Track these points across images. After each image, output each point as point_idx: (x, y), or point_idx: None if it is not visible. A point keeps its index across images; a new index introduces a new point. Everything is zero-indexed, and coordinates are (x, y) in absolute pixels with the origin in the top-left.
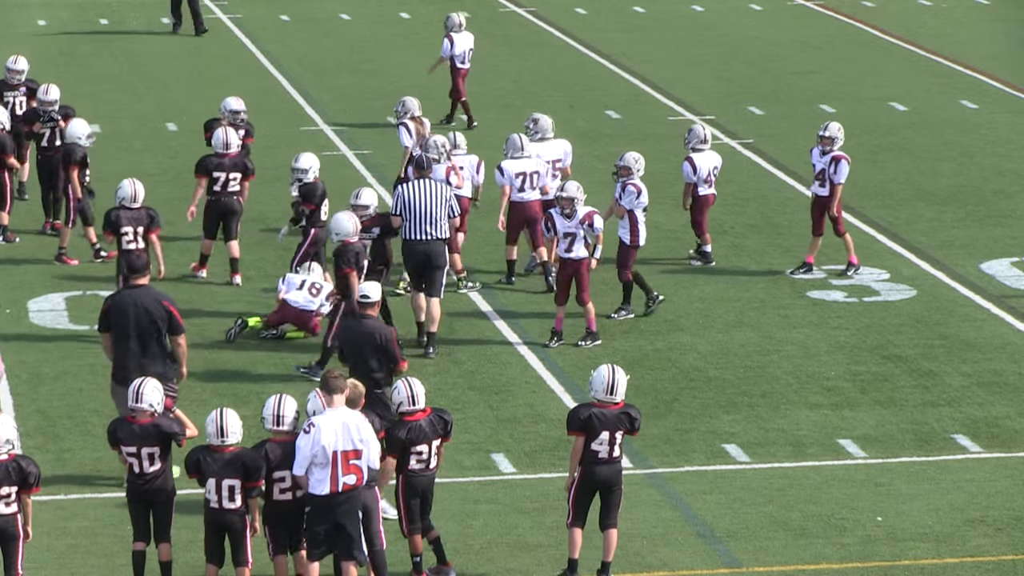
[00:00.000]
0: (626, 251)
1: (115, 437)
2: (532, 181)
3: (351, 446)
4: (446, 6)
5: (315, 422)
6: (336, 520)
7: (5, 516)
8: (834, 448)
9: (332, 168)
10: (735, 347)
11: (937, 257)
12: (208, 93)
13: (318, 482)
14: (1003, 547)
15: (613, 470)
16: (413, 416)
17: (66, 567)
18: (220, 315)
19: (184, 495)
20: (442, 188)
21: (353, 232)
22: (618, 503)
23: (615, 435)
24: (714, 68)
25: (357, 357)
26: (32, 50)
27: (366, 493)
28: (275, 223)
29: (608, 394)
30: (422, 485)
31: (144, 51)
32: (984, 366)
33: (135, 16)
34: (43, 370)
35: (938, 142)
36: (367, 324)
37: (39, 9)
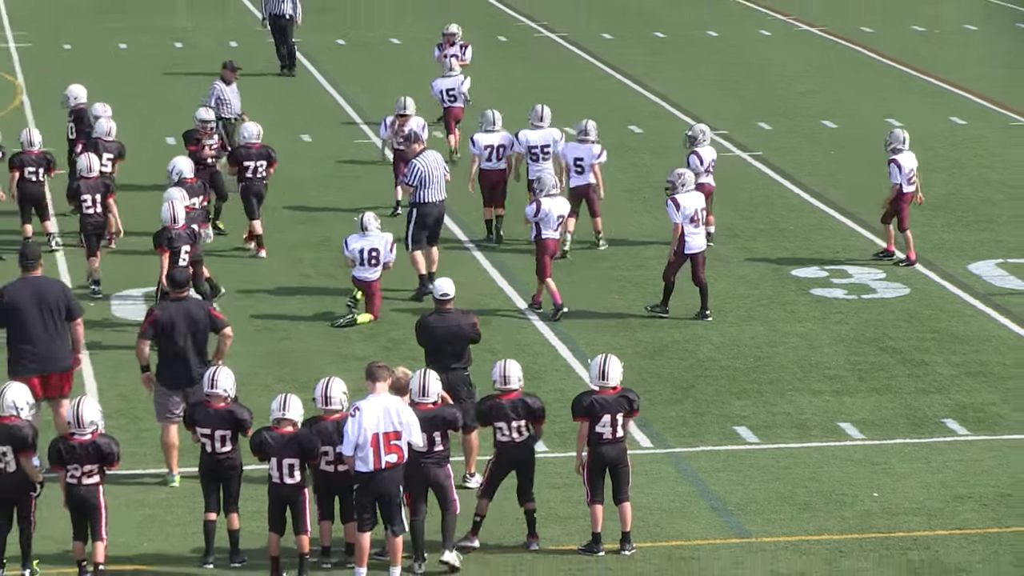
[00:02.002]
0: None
1: (192, 419)
2: (499, 152)
3: (392, 428)
4: (487, 31)
5: (360, 406)
6: (379, 493)
7: (89, 488)
8: (835, 431)
9: (384, 175)
10: (745, 339)
11: (929, 258)
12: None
13: (362, 460)
14: (988, 521)
15: (618, 449)
16: (506, 395)
17: (144, 535)
18: (280, 317)
19: (250, 471)
20: (441, 158)
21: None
22: (627, 478)
23: (616, 417)
24: (727, 87)
25: (434, 349)
26: (114, 71)
27: (438, 470)
28: (332, 228)
29: (601, 379)
30: (510, 457)
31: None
32: (971, 357)
33: (207, 40)
34: (123, 358)
35: (930, 155)
36: (450, 318)
37: (122, 34)
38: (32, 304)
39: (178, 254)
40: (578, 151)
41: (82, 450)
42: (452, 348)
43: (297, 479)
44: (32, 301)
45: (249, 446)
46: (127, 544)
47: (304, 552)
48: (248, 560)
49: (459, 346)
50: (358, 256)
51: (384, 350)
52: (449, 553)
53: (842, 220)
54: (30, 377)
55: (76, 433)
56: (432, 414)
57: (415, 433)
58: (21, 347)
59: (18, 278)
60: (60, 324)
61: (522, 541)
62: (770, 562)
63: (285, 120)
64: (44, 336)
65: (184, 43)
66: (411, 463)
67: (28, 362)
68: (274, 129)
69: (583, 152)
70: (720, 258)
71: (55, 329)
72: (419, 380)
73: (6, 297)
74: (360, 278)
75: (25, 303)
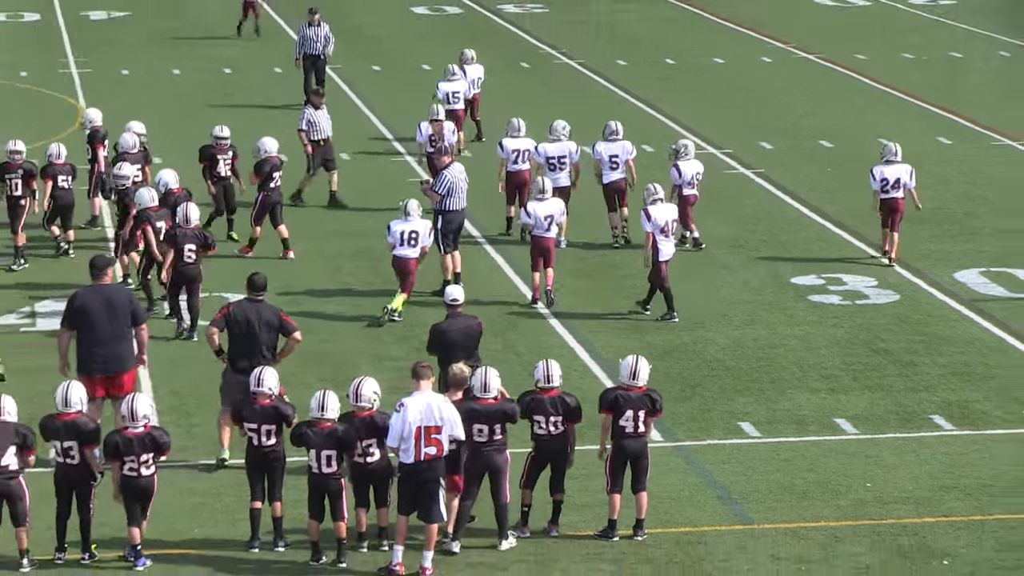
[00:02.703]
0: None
1: (240, 416)
2: (524, 156)
3: (433, 423)
4: (511, 58)
5: (404, 402)
6: (419, 483)
7: (146, 477)
8: (831, 426)
9: (413, 191)
10: (748, 341)
11: (917, 267)
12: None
13: (405, 452)
14: (972, 509)
15: (640, 443)
16: (547, 392)
17: (195, 521)
18: (320, 320)
19: (291, 462)
20: (464, 171)
21: None
22: (646, 470)
23: (639, 413)
24: (731, 110)
25: (454, 351)
26: (168, 95)
27: (497, 456)
28: (363, 237)
29: (631, 379)
30: (546, 449)
31: (262, 92)
32: (957, 358)
33: (253, 67)
34: (176, 359)
35: (918, 172)
36: (460, 321)
37: (175, 61)
38: (101, 309)
39: (182, 252)
40: (612, 149)
41: (138, 442)
42: (464, 347)
43: (334, 469)
44: (101, 306)
45: (290, 438)
46: (179, 529)
47: (341, 537)
48: (290, 544)
49: (470, 345)
50: (399, 237)
51: (415, 351)
52: (505, 541)
53: (838, 232)
54: (96, 376)
55: (130, 426)
56: (493, 408)
57: (456, 428)
58: (90, 349)
59: (88, 285)
60: (125, 328)
61: (543, 527)
62: (771, 547)
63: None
64: (110, 339)
65: (232, 69)
66: (472, 451)
67: (96, 362)
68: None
69: (617, 149)
70: (725, 267)
71: (120, 332)
72: (480, 377)
73: (77, 302)
74: (400, 256)
75: (94, 308)
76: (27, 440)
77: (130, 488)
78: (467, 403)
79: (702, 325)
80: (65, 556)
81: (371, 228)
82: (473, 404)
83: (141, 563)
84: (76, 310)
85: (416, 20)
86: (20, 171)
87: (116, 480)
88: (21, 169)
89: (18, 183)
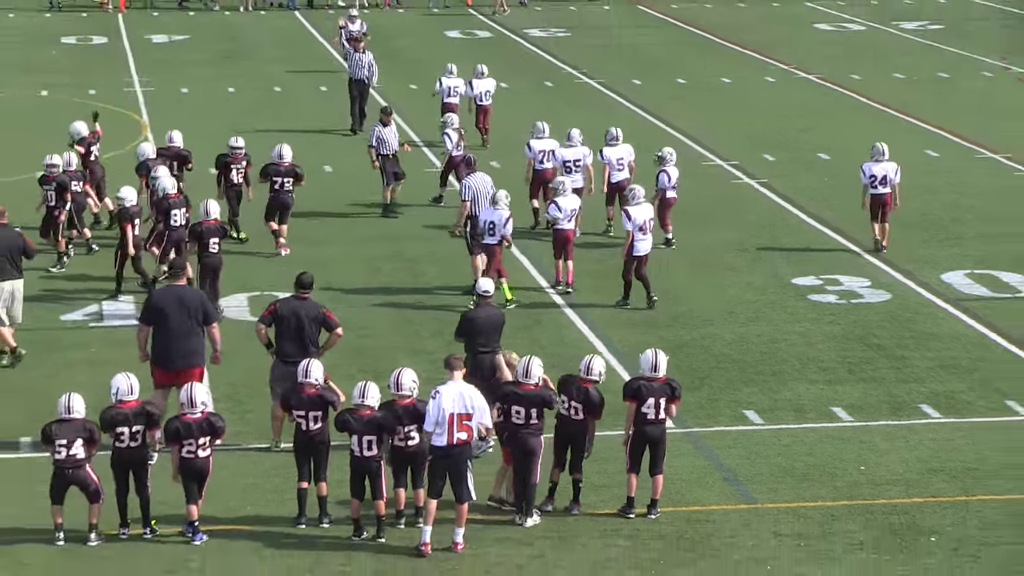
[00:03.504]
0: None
1: (288, 404)
2: (548, 156)
3: (464, 410)
4: (536, 77)
5: (440, 390)
6: (450, 466)
7: (203, 459)
8: (828, 414)
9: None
10: (752, 337)
11: (908, 269)
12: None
13: (438, 436)
14: (957, 490)
15: (659, 429)
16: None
17: (247, 499)
18: (361, 316)
19: (335, 446)
20: (488, 178)
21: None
22: (663, 455)
23: (659, 401)
24: (737, 125)
25: (477, 337)
26: (223, 111)
27: (532, 439)
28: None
29: (652, 371)
30: (564, 431)
31: (303, 112)
32: (944, 353)
33: (301, 86)
34: (230, 351)
35: (908, 182)
36: (487, 311)
37: (231, 79)
38: (175, 308)
39: (207, 245)
40: (618, 152)
41: (196, 426)
42: (487, 334)
43: (374, 453)
44: (175, 305)
45: (334, 423)
46: (233, 507)
47: (380, 514)
48: (334, 521)
49: (494, 334)
50: (484, 226)
51: (447, 344)
52: (530, 519)
53: (834, 237)
54: (170, 369)
55: (188, 412)
56: (533, 394)
57: (486, 416)
58: (165, 344)
59: (165, 286)
60: (197, 326)
61: (565, 506)
62: (773, 524)
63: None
64: (183, 335)
65: (282, 88)
66: (510, 432)
67: (169, 356)
68: (353, 157)
69: (623, 152)
70: (731, 268)
71: (192, 330)
72: (523, 364)
73: (154, 301)
74: (485, 243)
75: (169, 307)
76: (93, 435)
77: (188, 469)
78: (509, 386)
79: (710, 322)
80: (128, 531)
81: (408, 233)
82: (514, 388)
83: (198, 538)
84: (154, 308)
85: (450, 43)
86: (55, 183)
87: (175, 462)
88: (55, 182)
89: (53, 194)
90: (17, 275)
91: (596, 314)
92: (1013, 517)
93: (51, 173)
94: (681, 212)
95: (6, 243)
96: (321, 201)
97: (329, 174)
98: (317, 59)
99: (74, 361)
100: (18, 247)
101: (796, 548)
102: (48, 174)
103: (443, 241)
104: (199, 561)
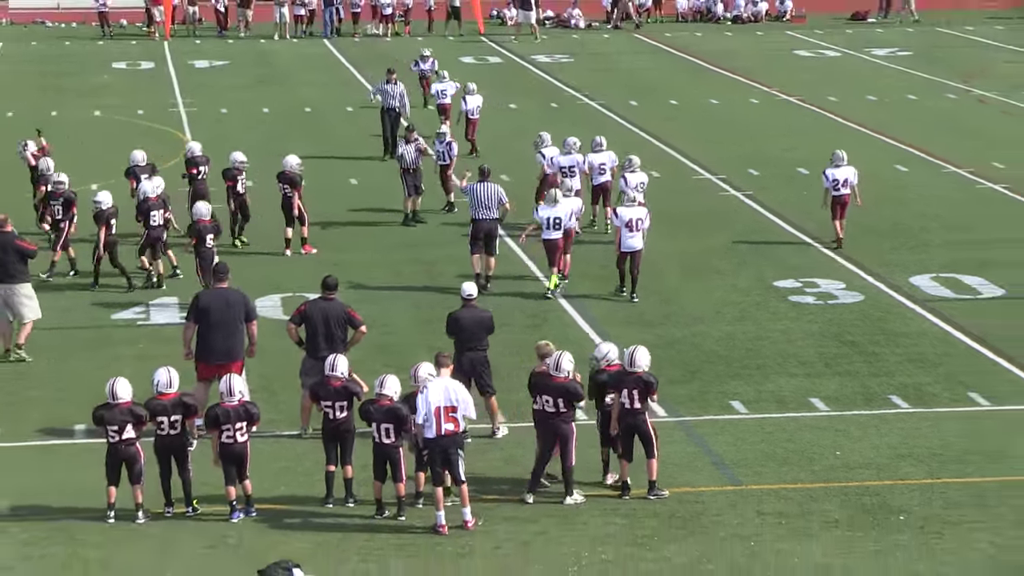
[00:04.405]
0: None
1: (316, 395)
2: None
3: (450, 403)
4: (543, 99)
5: (427, 385)
6: (441, 453)
7: (240, 443)
8: (806, 404)
9: (462, 209)
10: (739, 335)
11: (879, 273)
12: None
13: (428, 428)
14: (923, 473)
15: (638, 419)
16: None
17: (280, 481)
18: (383, 315)
19: (360, 433)
20: (494, 187)
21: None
22: (648, 441)
23: (633, 393)
24: (725, 143)
25: (463, 335)
26: (259, 128)
27: (563, 426)
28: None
29: (630, 365)
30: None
31: (331, 130)
32: (912, 349)
33: (330, 107)
34: (263, 346)
35: (880, 195)
36: (477, 312)
37: (265, 100)
38: (219, 308)
39: (204, 240)
40: (601, 158)
41: (234, 413)
42: (475, 335)
43: (393, 440)
44: (219, 305)
45: (359, 413)
46: (267, 488)
47: (400, 495)
48: (359, 501)
49: (481, 334)
50: (545, 221)
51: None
52: (569, 497)
53: (813, 244)
54: (212, 363)
55: (227, 400)
56: (559, 385)
57: (469, 409)
58: (208, 341)
59: (211, 287)
60: (240, 324)
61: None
62: (756, 504)
63: (384, 167)
64: (226, 334)
65: (312, 108)
66: (539, 419)
67: (213, 352)
68: (377, 172)
69: (604, 158)
70: (719, 272)
71: (235, 328)
72: (555, 358)
73: (201, 302)
74: (546, 239)
75: (214, 307)
76: (141, 418)
77: (227, 453)
78: (541, 378)
79: (700, 321)
80: (172, 510)
81: (426, 240)
82: (545, 379)
83: (235, 516)
84: (200, 308)
85: (464, 68)
86: (62, 199)
87: (215, 447)
88: (63, 197)
89: (59, 208)
90: (12, 280)
91: (596, 312)
92: (974, 498)
93: (58, 189)
94: (672, 221)
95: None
96: (347, 211)
97: (355, 187)
98: (344, 82)
99: (123, 356)
100: (16, 252)
101: (777, 526)
102: (55, 190)
103: (458, 246)
104: (236, 537)
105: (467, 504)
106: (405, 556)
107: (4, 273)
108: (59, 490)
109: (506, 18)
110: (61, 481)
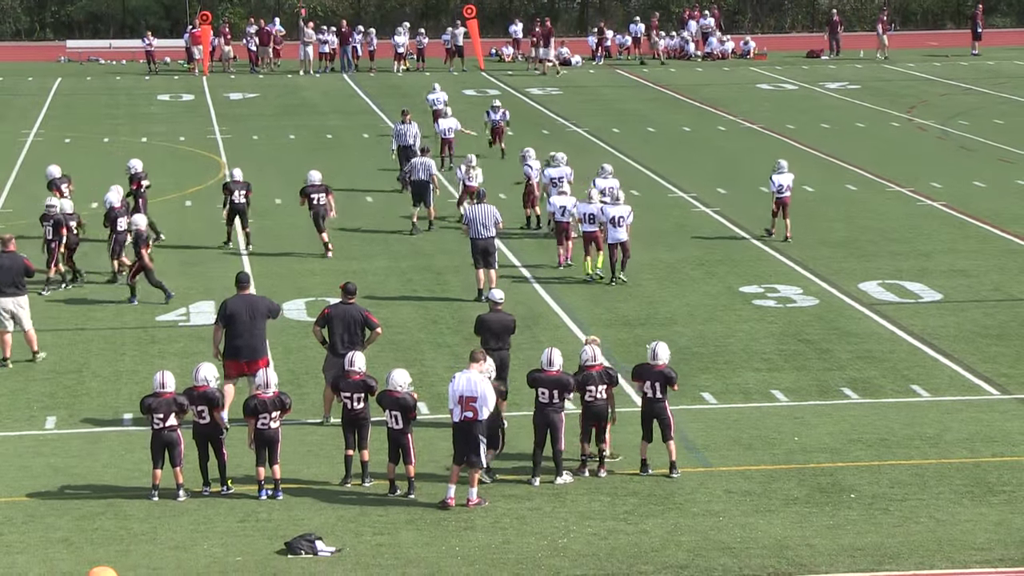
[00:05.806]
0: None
1: (337, 387)
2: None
3: (470, 393)
4: (534, 127)
5: (455, 375)
6: (462, 438)
7: (273, 429)
8: (768, 395)
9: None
10: (709, 334)
11: (832, 280)
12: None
13: (454, 414)
14: (872, 457)
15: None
16: (591, 368)
17: (304, 464)
18: (394, 317)
19: (375, 421)
20: (491, 208)
21: None
22: (666, 426)
23: (655, 384)
24: (696, 165)
25: (492, 336)
26: (283, 153)
27: (554, 415)
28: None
29: (548, 365)
30: (594, 410)
31: (349, 154)
32: (861, 346)
33: (348, 134)
34: (291, 345)
35: (832, 211)
36: (503, 315)
37: (291, 128)
38: (244, 312)
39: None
40: (558, 172)
41: (269, 402)
42: (500, 336)
43: (401, 426)
44: (244, 310)
45: (376, 401)
46: (293, 470)
47: (411, 476)
48: (374, 481)
49: (505, 335)
50: (584, 216)
51: (464, 340)
52: (559, 478)
53: (773, 254)
54: (239, 361)
55: (262, 391)
56: (555, 378)
57: (489, 401)
58: (235, 342)
59: (235, 294)
60: (263, 326)
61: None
62: (724, 483)
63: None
64: (250, 335)
65: (332, 135)
66: (537, 408)
67: (239, 352)
68: (395, 194)
69: (562, 173)
70: (691, 279)
71: (259, 331)
72: (547, 354)
73: (228, 307)
74: (584, 230)
75: (240, 311)
76: (183, 407)
77: (261, 438)
78: (535, 372)
79: (675, 322)
80: (209, 489)
81: (434, 250)
82: (539, 374)
83: (262, 494)
84: (227, 313)
85: (466, 99)
86: (52, 220)
87: (251, 432)
88: (52, 219)
89: (50, 229)
90: (19, 292)
91: (584, 315)
92: (916, 478)
93: (49, 211)
94: (650, 234)
95: (11, 267)
96: (364, 225)
97: (370, 204)
98: (361, 112)
99: (166, 353)
100: (21, 269)
101: (743, 502)
102: (47, 212)
103: (463, 256)
104: (267, 513)
105: (475, 485)
106: (414, 529)
107: (14, 286)
108: (110, 472)
109: (503, 55)
110: (112, 463)
